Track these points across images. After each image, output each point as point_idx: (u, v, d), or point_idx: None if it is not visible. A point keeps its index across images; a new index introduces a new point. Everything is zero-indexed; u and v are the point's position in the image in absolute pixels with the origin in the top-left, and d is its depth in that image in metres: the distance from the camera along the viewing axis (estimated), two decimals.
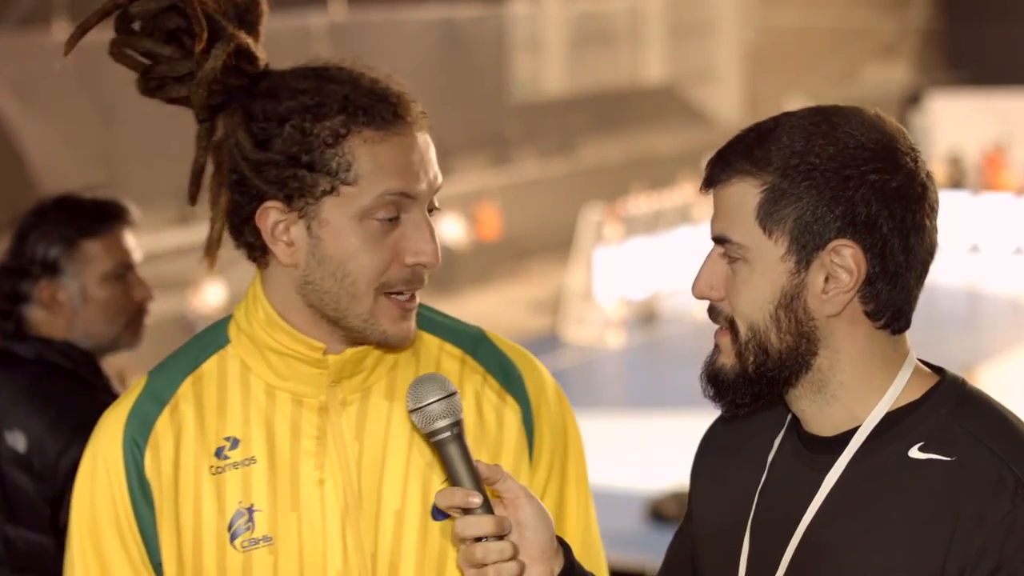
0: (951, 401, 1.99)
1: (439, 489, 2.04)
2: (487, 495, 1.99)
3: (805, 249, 1.95)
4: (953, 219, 24.61)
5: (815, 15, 35.15)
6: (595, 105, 30.89)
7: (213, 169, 2.27)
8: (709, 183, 2.01)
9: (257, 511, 2.18)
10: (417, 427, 2.02)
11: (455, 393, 2.01)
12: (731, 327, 1.99)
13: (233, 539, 2.18)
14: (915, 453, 1.95)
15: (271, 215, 2.15)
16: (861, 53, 36.45)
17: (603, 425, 16.24)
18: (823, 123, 1.97)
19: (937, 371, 2.04)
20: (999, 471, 1.91)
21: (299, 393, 2.20)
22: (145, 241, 3.94)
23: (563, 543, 2.05)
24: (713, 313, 2.02)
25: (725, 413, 2.04)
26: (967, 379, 2.04)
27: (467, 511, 1.97)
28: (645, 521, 13.74)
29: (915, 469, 1.94)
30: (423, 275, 2.17)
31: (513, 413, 2.28)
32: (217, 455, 2.20)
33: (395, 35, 25.87)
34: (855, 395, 1.99)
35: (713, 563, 2.12)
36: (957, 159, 29.52)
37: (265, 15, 2.29)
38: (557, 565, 2.02)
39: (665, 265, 23.98)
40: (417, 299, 2.19)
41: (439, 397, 2.00)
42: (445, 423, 2.00)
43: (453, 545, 2.05)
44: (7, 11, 21.48)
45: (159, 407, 2.22)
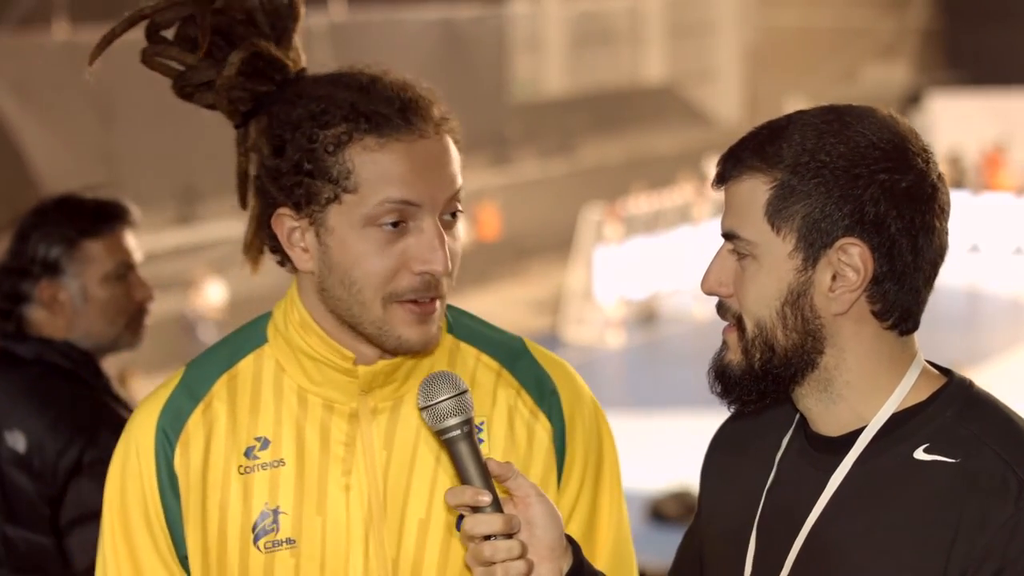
0: (957, 403, 1.99)
1: (448, 488, 2.03)
2: (496, 493, 1.98)
3: (813, 247, 1.95)
4: (953, 219, 24.54)
5: (815, 15, 35.15)
6: (595, 105, 30.88)
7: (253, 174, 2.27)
8: (721, 179, 2.02)
9: (282, 513, 2.18)
10: (427, 424, 2.01)
11: (466, 391, 2.00)
12: (738, 324, 2.00)
13: (256, 540, 2.17)
14: (920, 454, 1.96)
15: (285, 222, 2.15)
16: (861, 53, 36.46)
17: None
18: (835, 122, 1.97)
19: (945, 373, 2.04)
20: (1003, 474, 1.91)
21: (330, 399, 2.20)
22: (145, 241, 3.93)
23: (572, 541, 2.04)
24: (721, 309, 2.02)
25: (731, 409, 2.04)
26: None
27: (476, 509, 1.97)
28: (645, 521, 13.72)
29: (920, 470, 1.95)
30: (434, 283, 2.13)
31: (544, 431, 2.27)
32: (247, 455, 2.19)
33: (395, 35, 25.85)
34: (861, 395, 1.99)
35: (720, 561, 2.12)
36: (957, 159, 29.49)
37: (300, 19, 2.29)
38: (566, 563, 2.02)
39: (665, 265, 23.97)
40: (438, 304, 2.15)
41: (450, 395, 1.99)
42: (455, 421, 1.99)
43: (462, 543, 2.04)
44: (7, 11, 21.47)
45: (193, 403, 2.22)
